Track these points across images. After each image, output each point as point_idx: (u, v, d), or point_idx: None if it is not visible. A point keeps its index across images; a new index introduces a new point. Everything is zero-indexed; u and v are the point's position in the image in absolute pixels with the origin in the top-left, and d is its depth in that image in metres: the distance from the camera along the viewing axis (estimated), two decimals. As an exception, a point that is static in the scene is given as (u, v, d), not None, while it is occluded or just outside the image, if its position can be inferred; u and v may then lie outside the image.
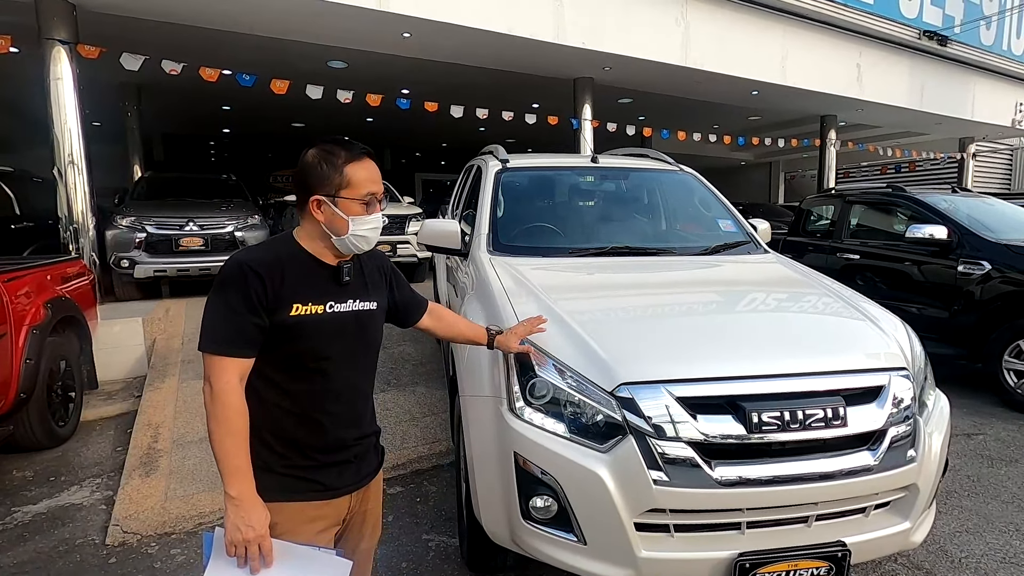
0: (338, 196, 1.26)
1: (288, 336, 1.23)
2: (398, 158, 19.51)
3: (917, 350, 2.02)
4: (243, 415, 1.19)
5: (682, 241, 3.09)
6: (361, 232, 1.28)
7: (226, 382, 1.17)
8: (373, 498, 1.46)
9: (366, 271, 1.40)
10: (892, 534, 1.76)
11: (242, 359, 1.19)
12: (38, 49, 5.55)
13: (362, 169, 1.28)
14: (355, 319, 1.33)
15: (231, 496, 1.15)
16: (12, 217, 6.35)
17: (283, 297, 1.22)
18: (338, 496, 1.32)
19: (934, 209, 4.82)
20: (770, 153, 18.64)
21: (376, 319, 1.41)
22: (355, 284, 1.35)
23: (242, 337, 1.19)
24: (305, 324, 1.24)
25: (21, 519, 2.72)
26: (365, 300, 1.36)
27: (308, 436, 1.28)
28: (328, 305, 1.28)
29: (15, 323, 3.11)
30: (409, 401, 3.96)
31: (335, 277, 1.31)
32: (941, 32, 9.88)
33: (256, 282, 1.19)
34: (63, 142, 5.64)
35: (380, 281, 1.45)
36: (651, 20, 7.54)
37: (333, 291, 1.30)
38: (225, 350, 1.18)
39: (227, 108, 12.04)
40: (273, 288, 1.21)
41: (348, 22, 6.27)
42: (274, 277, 1.21)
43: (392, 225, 7.96)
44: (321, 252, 1.31)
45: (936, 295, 4.58)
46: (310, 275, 1.28)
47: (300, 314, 1.23)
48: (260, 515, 1.16)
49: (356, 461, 1.36)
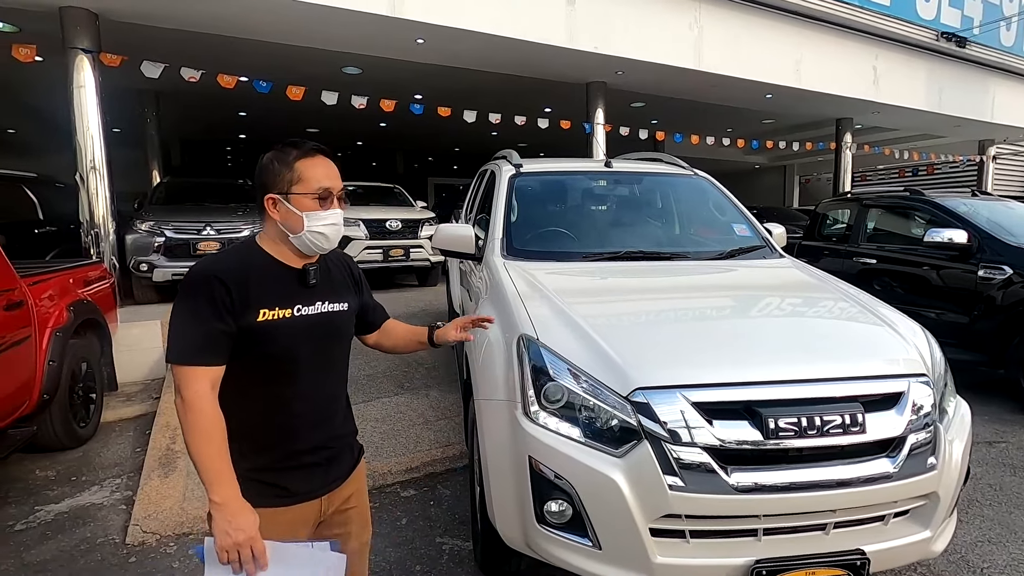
0: (290, 193, 1.26)
1: (256, 340, 1.22)
2: (410, 162, 19.65)
3: (937, 356, 1.99)
4: (218, 422, 1.17)
5: (696, 246, 3.07)
6: (318, 228, 1.27)
7: (197, 391, 1.16)
8: (355, 497, 1.43)
9: (333, 273, 1.40)
10: (912, 543, 1.73)
11: (212, 367, 1.18)
12: (62, 57, 5.68)
13: (314, 165, 1.28)
14: (324, 321, 1.32)
15: (216, 502, 1.14)
16: (36, 222, 6.49)
17: (249, 302, 1.21)
18: (305, 501, 1.30)
19: (953, 213, 4.75)
20: (784, 156, 18.49)
21: (346, 320, 1.40)
22: (322, 286, 1.34)
23: (210, 345, 1.18)
24: (273, 328, 1.23)
25: (44, 518, 2.77)
26: (334, 302, 1.35)
27: (275, 440, 1.27)
28: (296, 308, 1.27)
29: (39, 326, 3.18)
30: (423, 405, 3.98)
31: (301, 280, 1.30)
32: (960, 33, 9.76)
33: (221, 289, 1.18)
34: (85, 148, 5.77)
35: (348, 283, 1.45)
36: (664, 24, 7.54)
37: (300, 294, 1.29)
38: (195, 359, 1.17)
39: (243, 114, 12.23)
40: (239, 294, 1.20)
41: (363, 28, 6.35)
42: (239, 283, 1.20)
43: (405, 229, 8.03)
44: (284, 255, 1.30)
45: (956, 300, 4.50)
46: (275, 279, 1.27)
47: (268, 318, 1.23)
48: (248, 518, 1.15)
49: (325, 464, 1.34)
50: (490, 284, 2.57)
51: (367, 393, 4.18)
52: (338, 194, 1.31)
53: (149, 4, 5.71)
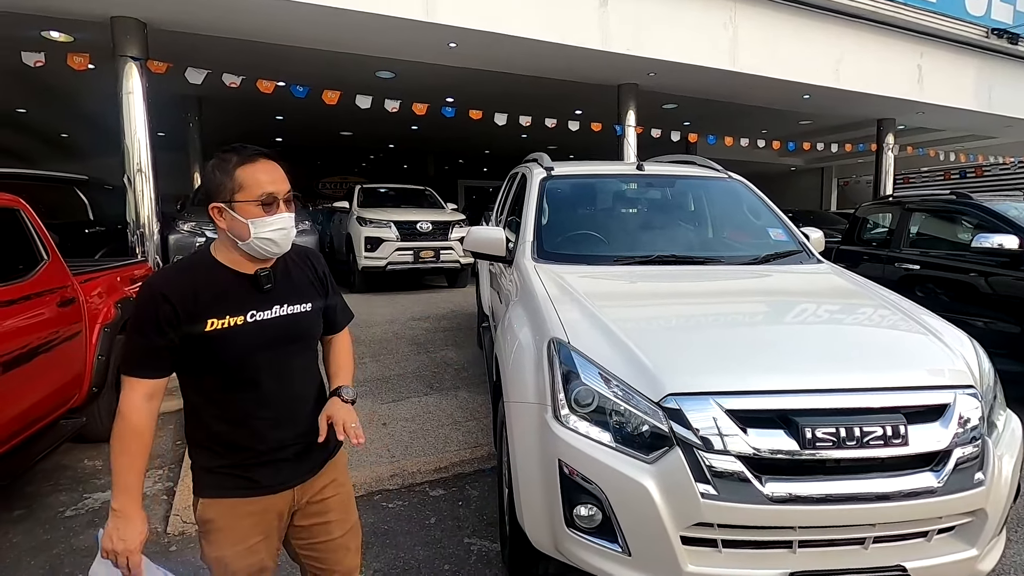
0: (233, 201, 1.24)
1: (205, 350, 1.24)
2: (441, 165, 19.84)
3: (986, 367, 1.91)
4: (139, 435, 1.22)
5: (730, 250, 3.02)
6: (265, 234, 1.25)
7: (128, 401, 1.22)
8: (332, 487, 1.44)
9: (294, 274, 1.39)
10: (957, 561, 1.67)
11: (147, 380, 1.22)
12: (112, 65, 5.95)
13: (255, 171, 1.26)
14: (284, 324, 1.32)
15: (114, 508, 1.21)
16: (86, 222, 6.79)
17: (196, 314, 1.22)
18: (273, 493, 1.33)
19: (1004, 217, 4.54)
20: (822, 158, 17.94)
21: (310, 321, 1.39)
22: (281, 289, 1.33)
23: (147, 359, 1.22)
24: (221, 337, 1.24)
25: (92, 505, 2.90)
26: (295, 304, 1.35)
27: (242, 440, 1.30)
28: (249, 314, 1.27)
29: (89, 322, 3.33)
30: (451, 405, 4.01)
31: (255, 285, 1.30)
32: (1012, 30, 9.33)
33: (164, 304, 1.20)
34: (132, 152, 6.02)
35: (314, 283, 1.43)
36: (698, 24, 7.43)
37: (254, 300, 1.29)
38: (131, 371, 1.23)
39: (280, 118, 12.56)
40: (183, 307, 1.21)
41: (397, 33, 6.45)
42: (184, 295, 1.22)
43: (435, 231, 8.12)
44: (236, 262, 1.30)
45: (1006, 308, 4.31)
46: (226, 287, 1.27)
47: (216, 328, 1.23)
48: (135, 531, 1.21)
49: (294, 459, 1.36)
50: (521, 287, 2.58)
51: (397, 392, 4.23)
52: (284, 197, 1.29)
53: (194, 14, 5.93)
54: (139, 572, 1.23)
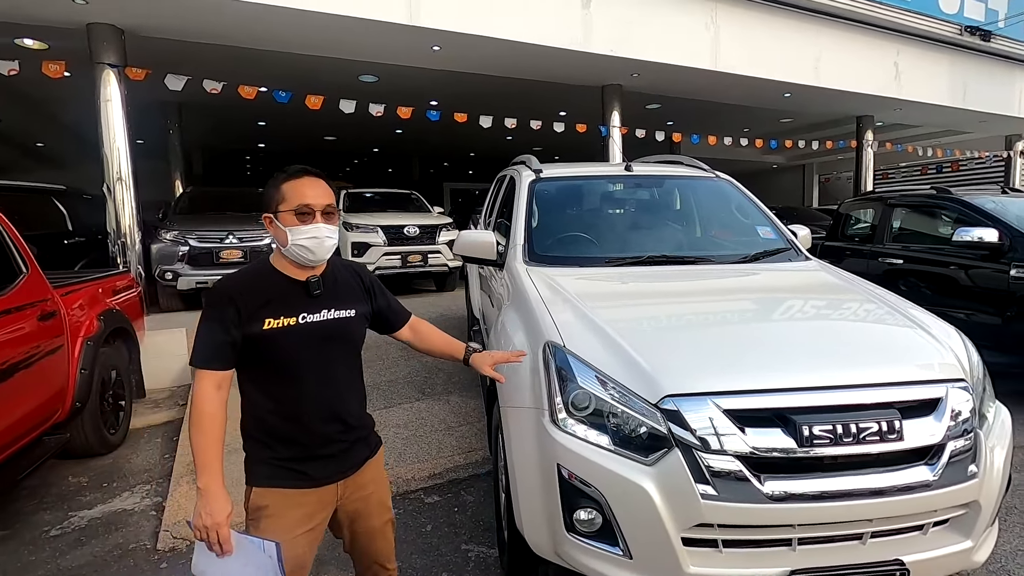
0: (278, 211, 1.42)
1: (262, 347, 1.39)
2: (426, 168, 19.77)
3: (975, 359, 1.94)
4: (214, 419, 1.36)
5: (720, 249, 3.04)
6: (300, 242, 1.40)
7: (201, 390, 1.36)
8: (372, 483, 1.58)
9: (341, 283, 1.54)
10: (953, 553, 1.68)
11: (215, 371, 1.37)
12: (89, 72, 5.84)
13: (297, 185, 1.42)
14: (330, 326, 1.47)
15: (199, 487, 1.33)
16: (65, 233, 6.66)
17: (255, 314, 1.38)
18: (321, 486, 1.46)
19: (983, 211, 4.63)
20: (803, 155, 18.23)
21: (354, 325, 1.53)
22: (328, 295, 1.48)
23: (216, 354, 1.37)
24: (276, 335, 1.39)
25: (78, 523, 2.83)
26: (341, 309, 1.50)
27: (291, 433, 1.43)
28: (300, 316, 1.42)
29: (71, 335, 3.26)
30: (444, 410, 3.98)
31: (306, 290, 1.45)
32: (984, 27, 9.54)
33: (229, 305, 1.36)
34: (112, 160, 5.91)
35: (357, 291, 1.57)
36: (680, 24, 7.49)
37: (305, 304, 1.44)
38: (201, 364, 1.37)
39: (262, 124, 12.42)
40: (245, 308, 1.37)
41: (380, 38, 6.41)
42: (246, 298, 1.38)
43: (423, 235, 8.08)
44: (289, 269, 1.46)
45: (987, 300, 4.39)
46: (281, 292, 1.43)
47: (272, 327, 1.39)
48: (220, 507, 1.32)
49: (339, 455, 1.49)
50: (513, 290, 2.57)
51: (388, 399, 4.20)
52: (322, 209, 1.43)
53: (173, 19, 5.84)
54: (229, 546, 1.32)
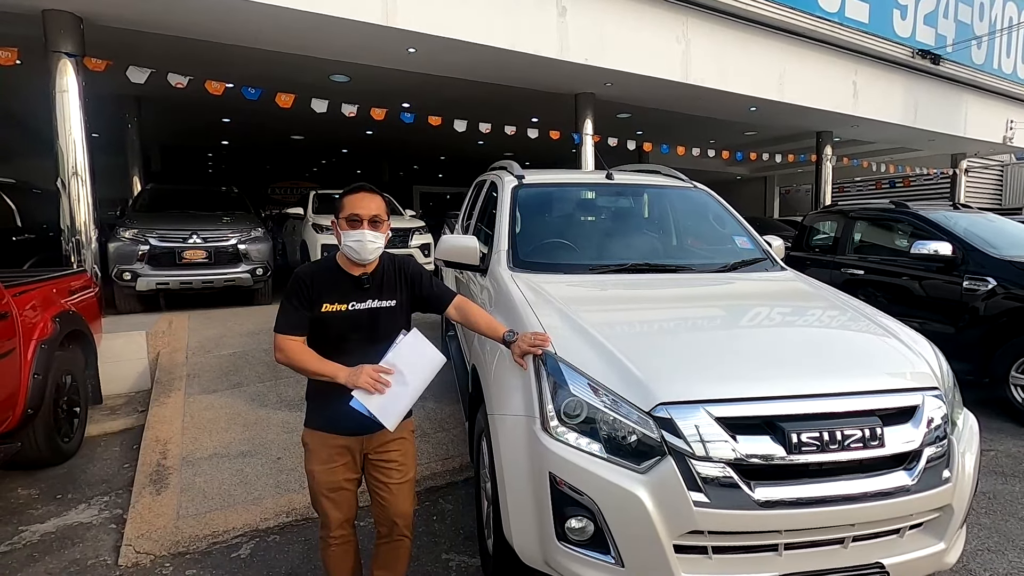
0: (339, 218, 1.81)
1: (319, 324, 1.78)
2: (396, 171, 19.54)
3: (945, 368, 2.03)
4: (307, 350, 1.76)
5: (701, 258, 3.09)
6: (348, 243, 1.78)
7: (288, 345, 1.75)
8: (397, 444, 1.90)
9: (386, 276, 1.87)
10: (928, 555, 1.75)
11: (295, 337, 1.77)
12: (43, 61, 5.53)
13: (352, 198, 1.80)
14: (371, 314, 1.82)
15: (342, 378, 1.70)
16: (13, 229, 6.29)
17: (318, 299, 1.77)
18: (346, 436, 1.81)
19: (938, 226, 4.87)
20: (765, 168, 18.83)
21: (394, 314, 1.87)
22: (375, 287, 1.84)
23: (294, 325, 1.77)
24: (329, 317, 1.78)
25: (29, 539, 2.66)
26: (383, 300, 1.85)
27: (332, 393, 1.74)
28: (350, 304, 1.80)
29: (24, 338, 3.07)
30: (418, 416, 3.91)
31: (356, 283, 1.81)
32: (934, 51, 10.07)
33: (303, 288, 1.77)
34: (67, 154, 5.60)
35: (400, 285, 1.89)
36: (653, 37, 7.63)
37: (354, 293, 1.81)
38: (284, 331, 1.77)
39: (227, 120, 12.03)
40: (312, 292, 1.77)
41: (354, 37, 6.30)
42: (313, 284, 1.78)
43: (395, 238, 7.96)
44: (347, 265, 1.83)
45: (941, 310, 4.61)
46: (338, 282, 1.81)
47: (327, 311, 1.78)
48: (354, 368, 1.71)
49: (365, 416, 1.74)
50: (497, 296, 2.55)
51: (362, 405, 4.10)
52: (370, 218, 1.78)
53: (135, 9, 5.59)
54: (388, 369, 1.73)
